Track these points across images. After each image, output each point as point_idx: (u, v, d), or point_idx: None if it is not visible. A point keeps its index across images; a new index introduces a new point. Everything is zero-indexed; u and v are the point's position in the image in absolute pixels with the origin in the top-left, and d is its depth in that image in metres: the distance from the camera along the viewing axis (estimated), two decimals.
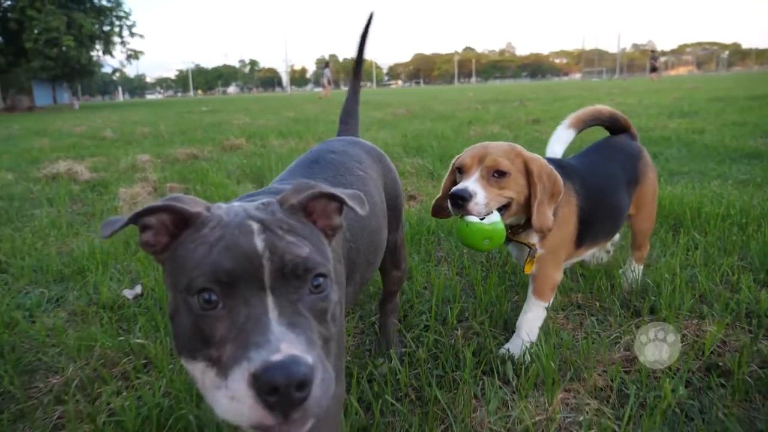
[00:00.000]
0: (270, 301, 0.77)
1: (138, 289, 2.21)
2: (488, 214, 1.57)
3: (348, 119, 1.94)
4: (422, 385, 1.48)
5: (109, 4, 42.78)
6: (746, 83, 22.19)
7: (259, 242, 0.81)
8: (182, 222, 0.89)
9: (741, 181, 3.72)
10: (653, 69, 36.84)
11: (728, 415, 1.30)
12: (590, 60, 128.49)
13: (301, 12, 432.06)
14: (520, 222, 1.70)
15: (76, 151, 8.23)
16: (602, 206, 1.82)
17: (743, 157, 4.71)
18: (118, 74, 62.07)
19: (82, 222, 3.68)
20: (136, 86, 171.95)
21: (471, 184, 1.59)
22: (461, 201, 1.55)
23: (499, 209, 1.60)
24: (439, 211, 1.83)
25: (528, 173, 1.62)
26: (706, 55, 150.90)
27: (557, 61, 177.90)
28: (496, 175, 1.61)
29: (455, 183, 1.70)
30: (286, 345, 0.72)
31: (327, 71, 28.71)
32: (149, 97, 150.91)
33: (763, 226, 2.54)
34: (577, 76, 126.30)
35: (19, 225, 3.61)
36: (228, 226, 0.83)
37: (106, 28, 43.08)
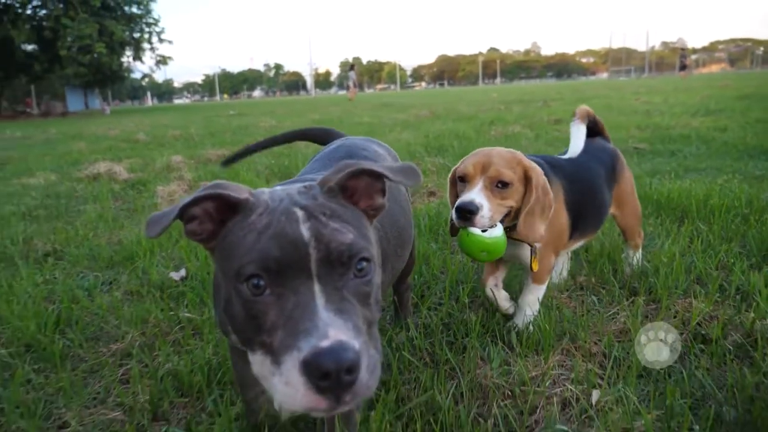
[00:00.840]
0: (317, 288, 0.80)
1: (183, 272, 2.46)
2: (492, 226, 1.59)
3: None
4: (435, 349, 1.69)
5: (139, 12, 43.69)
6: None
7: (305, 230, 0.83)
8: (228, 209, 0.92)
9: (756, 177, 3.83)
10: (683, 67, 36.37)
11: (705, 375, 1.48)
12: (617, 59, 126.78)
13: (326, 15, 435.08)
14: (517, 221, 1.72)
15: (112, 153, 8.61)
16: (588, 201, 1.94)
17: (762, 154, 4.78)
18: (146, 80, 63.14)
19: (126, 216, 3.96)
20: (164, 91, 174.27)
21: (477, 196, 1.59)
22: (469, 214, 1.56)
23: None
24: (456, 229, 1.83)
25: (527, 181, 1.66)
26: (740, 52, 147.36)
27: (584, 60, 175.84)
28: (500, 186, 1.62)
29: (457, 194, 1.71)
30: (334, 331, 0.75)
31: (352, 74, 28.92)
32: (177, 101, 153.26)
33: (765, 216, 2.68)
34: (604, 75, 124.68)
35: (69, 219, 3.91)
36: (274, 213, 0.86)
37: (136, 35, 44.01)
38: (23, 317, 2.00)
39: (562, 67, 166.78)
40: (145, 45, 44.91)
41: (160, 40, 46.22)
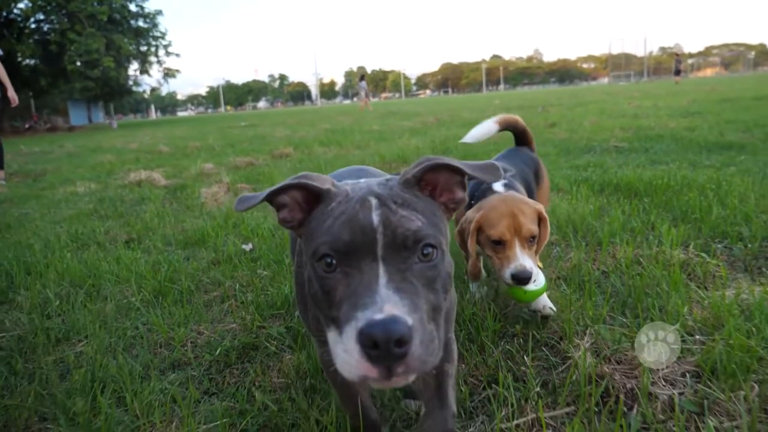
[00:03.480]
0: (381, 269, 0.87)
1: (250, 245, 3.21)
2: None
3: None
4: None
5: (146, 26, 44.14)
6: (761, 84, 22.56)
7: (375, 217, 0.90)
8: (314, 198, 1.01)
9: (704, 165, 4.58)
10: (677, 72, 37.04)
11: (617, 280, 2.21)
12: (617, 64, 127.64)
13: (330, 25, 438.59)
14: None
15: (142, 163, 9.33)
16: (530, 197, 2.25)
17: (720, 149, 5.53)
18: (150, 93, 63.23)
19: (181, 212, 4.71)
20: (168, 104, 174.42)
21: (526, 261, 1.79)
22: (526, 281, 1.77)
23: None
24: (477, 273, 2.09)
25: (540, 221, 1.89)
26: (733, 56, 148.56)
27: (585, 66, 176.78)
28: (531, 240, 1.84)
29: (478, 241, 1.92)
30: (389, 306, 0.80)
31: (363, 83, 28.66)
32: (180, 114, 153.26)
33: (690, 191, 3.46)
34: (605, 80, 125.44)
35: (130, 218, 4.64)
36: (350, 201, 0.94)
37: (143, 48, 44.50)
38: (143, 276, 2.76)
39: (564, 72, 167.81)
40: (152, 58, 45.32)
41: (167, 53, 46.58)
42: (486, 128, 2.61)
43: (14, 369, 1.94)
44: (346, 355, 0.81)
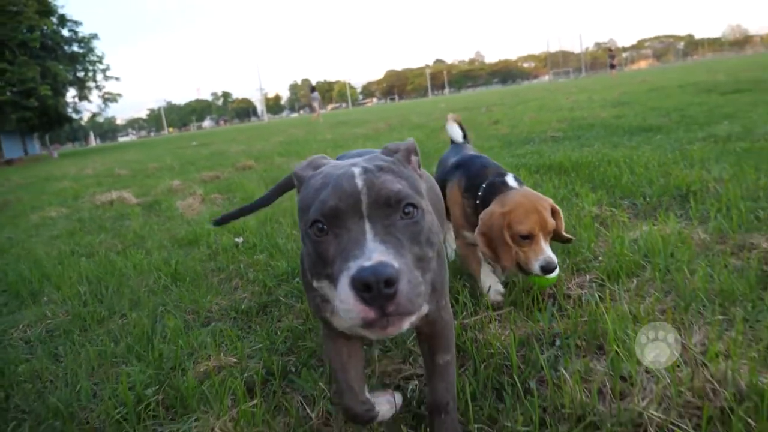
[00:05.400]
0: (367, 226, 0.95)
1: (241, 239, 3.70)
2: None
3: None
4: None
5: (81, 50, 43.09)
6: (687, 73, 24.30)
7: (359, 181, 1.00)
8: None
9: (625, 146, 5.33)
10: (612, 66, 39.10)
11: None
12: (556, 62, 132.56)
13: (271, 40, 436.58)
14: None
15: (105, 186, 9.43)
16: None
17: (641, 131, 6.33)
18: (90, 119, 61.18)
19: (164, 222, 5.11)
20: (107, 129, 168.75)
21: (551, 254, 1.96)
22: (553, 271, 1.94)
23: None
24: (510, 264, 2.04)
25: (554, 213, 2.04)
26: (664, 48, 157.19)
27: (526, 65, 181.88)
28: (550, 233, 2.02)
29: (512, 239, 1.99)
30: (377, 255, 0.90)
31: (316, 94, 29.12)
32: (122, 139, 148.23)
33: (611, 165, 4.15)
34: (546, 78, 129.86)
35: (119, 231, 5.01)
36: (332, 176, 1.05)
37: (81, 74, 43.38)
38: (158, 267, 3.22)
39: (506, 73, 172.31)
40: (91, 84, 44.21)
41: (106, 78, 45.54)
42: (457, 127, 2.82)
43: (73, 340, 2.39)
44: (343, 303, 0.90)
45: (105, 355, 2.14)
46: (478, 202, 2.16)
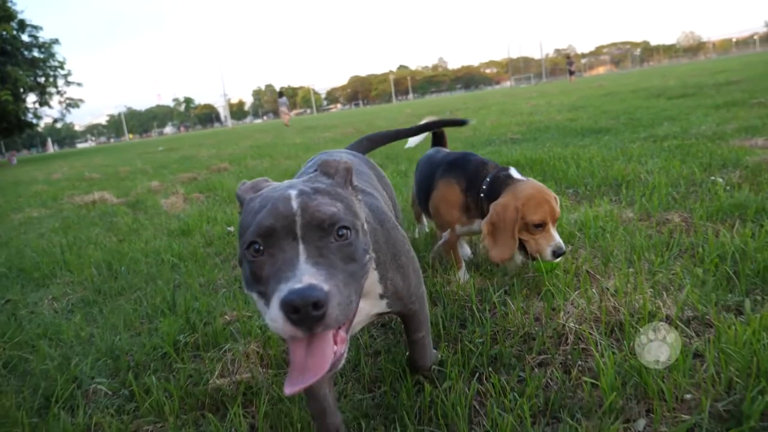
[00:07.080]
0: (301, 247, 0.99)
1: (232, 228, 4.11)
2: None
3: (364, 140, 2.46)
4: None
5: (42, 56, 42.54)
6: (642, 79, 25.55)
7: (294, 204, 1.04)
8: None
9: (577, 146, 5.93)
10: (570, 72, 40.43)
11: None
12: (517, 68, 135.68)
13: (235, 45, 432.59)
14: None
15: (81, 189, 9.50)
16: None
17: (591, 133, 6.97)
18: (51, 124, 59.74)
19: (153, 217, 5.44)
20: (65, 136, 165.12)
21: (561, 240, 2.14)
22: (562, 255, 2.13)
23: None
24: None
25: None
26: (621, 54, 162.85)
27: (488, 71, 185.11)
28: (556, 221, 2.18)
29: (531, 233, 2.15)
30: (308, 277, 0.93)
31: (284, 99, 29.22)
32: (80, 145, 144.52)
33: (560, 161, 4.71)
34: (508, 83, 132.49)
35: (111, 226, 5.31)
36: (270, 198, 1.08)
37: (41, 80, 42.82)
38: (163, 251, 3.61)
39: (469, 78, 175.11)
40: (51, 89, 43.72)
41: (68, 83, 45.13)
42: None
43: (100, 308, 2.77)
44: (274, 322, 0.94)
45: (137, 314, 2.55)
46: (482, 195, 2.30)
